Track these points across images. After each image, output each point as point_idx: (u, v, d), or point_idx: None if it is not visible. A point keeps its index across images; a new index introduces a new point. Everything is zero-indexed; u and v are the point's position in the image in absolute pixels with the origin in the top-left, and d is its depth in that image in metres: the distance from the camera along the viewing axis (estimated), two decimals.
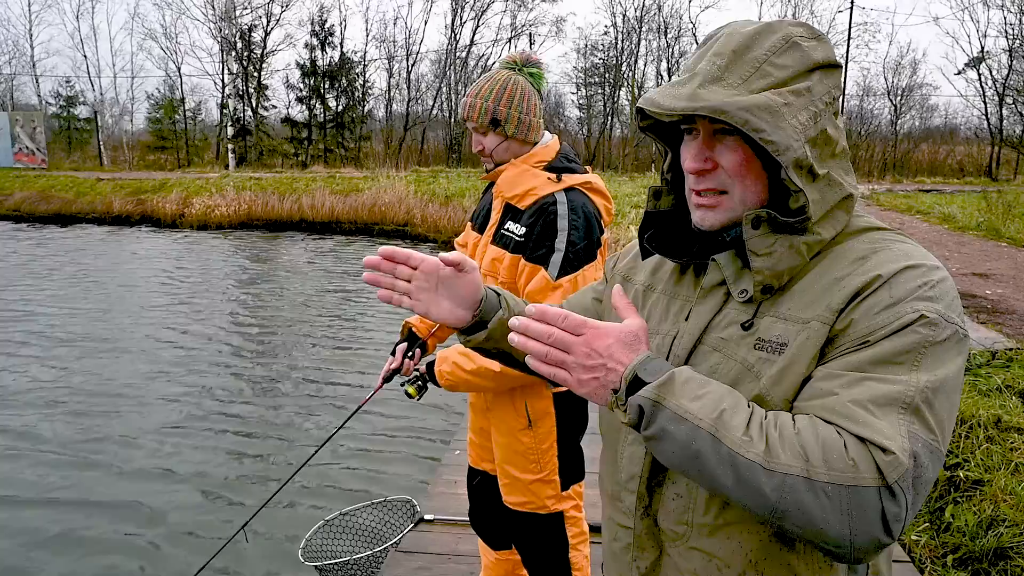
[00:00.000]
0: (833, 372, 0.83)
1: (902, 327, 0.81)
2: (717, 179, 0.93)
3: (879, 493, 0.75)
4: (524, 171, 1.93)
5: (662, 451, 0.84)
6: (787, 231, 0.90)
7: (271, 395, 6.45)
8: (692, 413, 0.81)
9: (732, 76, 0.88)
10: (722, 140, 0.92)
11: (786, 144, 0.85)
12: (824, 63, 0.91)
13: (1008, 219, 12.70)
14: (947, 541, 3.00)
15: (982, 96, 31.35)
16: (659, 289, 1.07)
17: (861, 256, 0.89)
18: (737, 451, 0.78)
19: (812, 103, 0.89)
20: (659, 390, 0.83)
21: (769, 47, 0.89)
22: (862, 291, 0.85)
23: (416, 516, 3.17)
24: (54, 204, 19.53)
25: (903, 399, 0.78)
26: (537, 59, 2.00)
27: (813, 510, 0.76)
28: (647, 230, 1.06)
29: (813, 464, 0.76)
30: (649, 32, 35.13)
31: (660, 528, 1.00)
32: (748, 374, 0.89)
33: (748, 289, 0.92)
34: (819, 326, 0.86)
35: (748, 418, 0.81)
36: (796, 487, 0.76)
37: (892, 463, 0.75)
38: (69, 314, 9.23)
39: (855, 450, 0.76)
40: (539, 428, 2.00)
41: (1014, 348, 5.13)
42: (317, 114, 34.64)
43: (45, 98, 36.39)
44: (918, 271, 0.85)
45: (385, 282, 1.04)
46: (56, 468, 4.92)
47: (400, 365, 2.16)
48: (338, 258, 14.02)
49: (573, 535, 2.10)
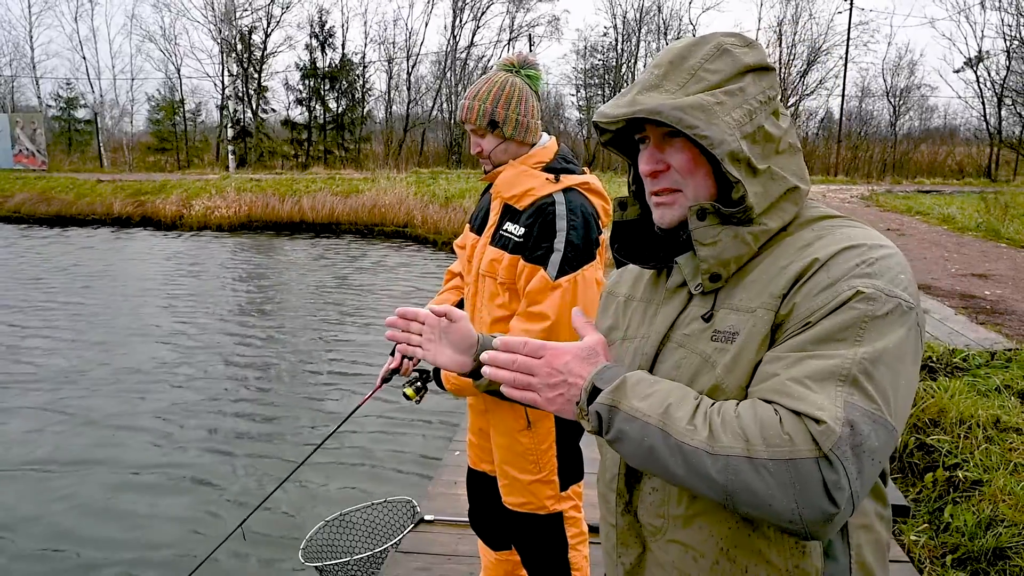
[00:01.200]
0: (777, 355, 0.86)
1: (839, 304, 0.84)
2: (671, 179, 1.00)
3: (817, 464, 0.76)
4: (522, 172, 1.94)
5: (623, 451, 0.90)
6: (732, 222, 0.95)
7: (270, 395, 6.45)
8: (641, 411, 0.86)
9: (669, 83, 0.96)
10: (671, 143, 0.99)
11: (720, 138, 0.92)
12: (755, 66, 0.98)
13: (1007, 220, 12.72)
14: (946, 541, 3.01)
15: (980, 97, 31.40)
16: (638, 297, 1.13)
17: (806, 243, 0.93)
18: (683, 440, 0.82)
19: (746, 102, 0.95)
20: (613, 395, 0.89)
21: (703, 55, 0.97)
22: (801, 275, 0.89)
23: (416, 516, 3.17)
24: (54, 206, 19.52)
25: (839, 372, 0.80)
26: (534, 61, 2.02)
27: (758, 488, 0.78)
28: (617, 240, 1.12)
29: (752, 443, 0.79)
30: (649, 33, 35.19)
31: (641, 523, 1.04)
32: (706, 365, 0.94)
33: (702, 281, 0.98)
34: (764, 312, 0.90)
35: (693, 409, 0.85)
36: (740, 467, 0.79)
37: (824, 432, 0.77)
38: (68, 315, 9.23)
39: (790, 424, 0.78)
40: (538, 429, 2.01)
41: (1013, 349, 5.13)
42: (317, 116, 34.65)
43: (45, 100, 36.45)
44: (857, 251, 0.88)
45: (402, 337, 1.23)
46: (52, 467, 4.92)
47: (399, 366, 2.17)
48: (338, 259, 14.03)
49: (572, 535, 2.10)
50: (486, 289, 1.99)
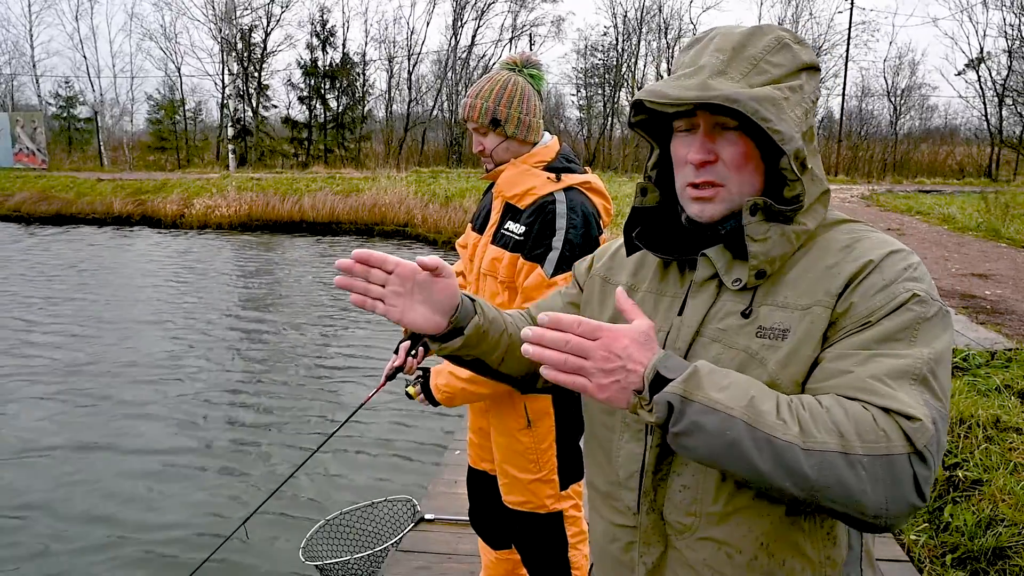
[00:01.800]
0: (843, 353, 0.87)
1: (898, 306, 0.87)
2: (716, 172, 0.97)
3: (910, 459, 0.79)
4: (524, 171, 1.94)
5: (692, 445, 0.84)
6: (778, 220, 0.95)
7: (272, 395, 6.45)
8: (723, 403, 0.82)
9: (734, 71, 0.93)
10: (722, 134, 0.95)
11: (790, 134, 0.90)
12: (810, 64, 0.98)
13: (1007, 220, 12.71)
14: (946, 541, 3.01)
15: (982, 97, 31.39)
16: (643, 288, 1.08)
17: (846, 245, 0.95)
18: (773, 435, 0.80)
19: (804, 100, 0.95)
20: (685, 384, 0.83)
21: (764, 46, 0.95)
22: (857, 275, 0.91)
23: (416, 516, 3.18)
24: (54, 205, 19.51)
25: (912, 371, 0.83)
26: (537, 60, 2.02)
27: (851, 483, 0.79)
28: (634, 227, 1.08)
29: (847, 439, 0.79)
30: (649, 33, 35.17)
31: (666, 522, 1.00)
32: (752, 361, 0.92)
33: (742, 277, 0.96)
34: (821, 310, 0.91)
35: (777, 402, 0.83)
36: (835, 463, 0.79)
37: (919, 429, 0.80)
38: (68, 315, 9.23)
39: (884, 421, 0.80)
40: (538, 428, 2.01)
41: (1013, 348, 5.14)
42: (317, 114, 34.64)
43: (45, 98, 36.45)
44: (901, 255, 0.93)
45: (358, 286, 1.00)
46: (52, 466, 4.92)
47: (403, 364, 2.17)
48: (339, 258, 13.99)
49: (572, 534, 2.10)
50: (487, 288, 1.99)
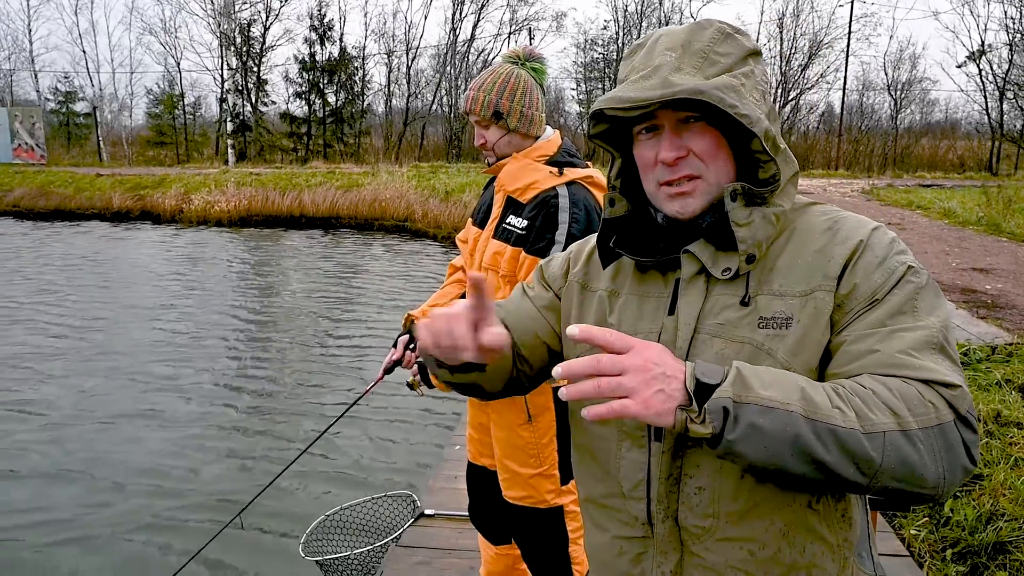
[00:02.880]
0: (863, 334, 0.88)
1: (898, 280, 0.90)
2: (691, 165, 0.97)
3: (956, 426, 0.81)
4: (526, 165, 1.94)
5: (749, 449, 0.79)
6: (757, 203, 0.96)
7: (270, 389, 6.45)
8: (778, 400, 0.79)
9: (687, 66, 0.94)
10: (688, 128, 0.96)
11: (756, 116, 0.92)
12: (754, 51, 0.99)
13: (1008, 214, 12.70)
14: (946, 535, 3.01)
15: (982, 91, 31.33)
16: (624, 291, 1.06)
17: (827, 228, 0.97)
18: (834, 423, 0.79)
19: (757, 84, 0.97)
20: (735, 388, 0.79)
21: (709, 39, 0.96)
22: (852, 256, 0.92)
23: (416, 511, 3.17)
24: (53, 200, 19.49)
25: (931, 341, 0.86)
26: (539, 54, 2.01)
27: (913, 459, 0.80)
28: (608, 237, 1.07)
29: (901, 416, 0.80)
30: (650, 27, 35.04)
31: (681, 527, 0.97)
32: (759, 353, 0.91)
33: (731, 266, 0.95)
34: (824, 295, 0.91)
35: (826, 392, 0.82)
36: (896, 442, 0.79)
37: (960, 395, 0.82)
38: (65, 310, 9.23)
39: (928, 392, 0.82)
40: (539, 423, 2.00)
41: (1014, 343, 5.13)
42: (316, 109, 34.56)
43: (44, 93, 36.37)
44: (881, 231, 0.96)
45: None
46: (51, 460, 4.93)
47: (401, 357, 2.17)
48: (339, 253, 14.02)
49: (573, 529, 2.10)
50: (488, 283, 1.98)
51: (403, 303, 9.61)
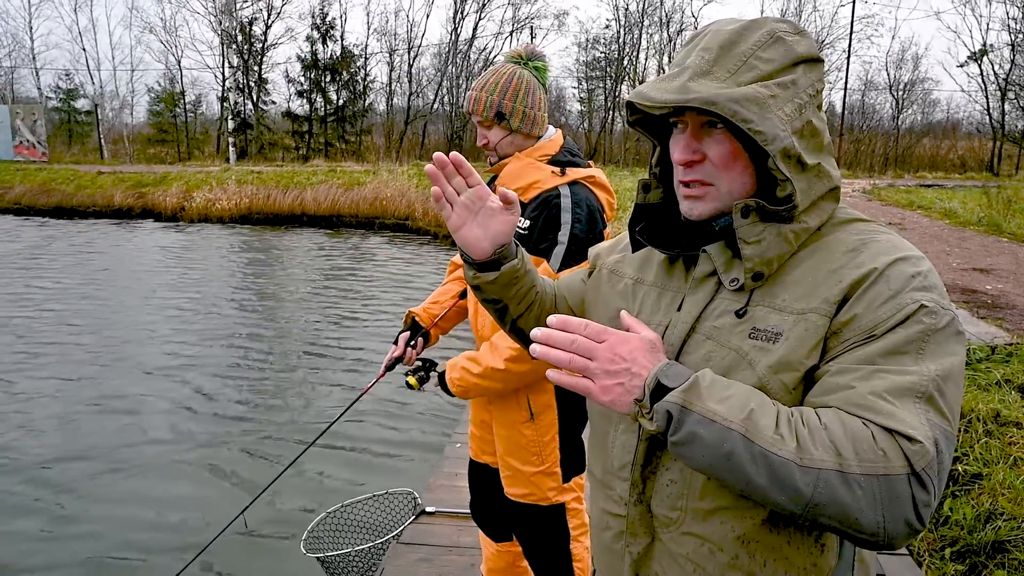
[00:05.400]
0: (846, 367, 0.85)
1: (906, 318, 0.84)
2: (704, 171, 0.96)
3: (908, 481, 0.77)
4: (528, 164, 1.94)
5: (690, 455, 0.83)
6: (775, 220, 0.93)
7: (271, 386, 6.46)
8: (721, 415, 0.81)
9: (720, 70, 0.91)
10: (710, 133, 0.94)
11: (773, 134, 0.88)
12: (807, 57, 0.94)
13: (1009, 214, 12.69)
14: (945, 534, 3.02)
15: (984, 91, 31.29)
16: (649, 282, 1.08)
17: (852, 248, 0.92)
18: (770, 450, 0.79)
19: (797, 95, 0.92)
20: (685, 394, 0.83)
21: (755, 42, 0.92)
22: (859, 283, 0.87)
23: (417, 508, 3.18)
24: (55, 197, 19.50)
25: (917, 389, 0.81)
26: (542, 53, 2.01)
27: (848, 502, 0.77)
28: (638, 223, 1.08)
29: (845, 457, 0.78)
30: (651, 26, 35.02)
31: (653, 514, 1.01)
32: (742, 362, 0.91)
33: (739, 278, 0.94)
34: (818, 318, 0.88)
35: (776, 416, 0.82)
36: (830, 481, 0.77)
37: (919, 451, 0.77)
38: (69, 308, 9.24)
39: (883, 440, 0.78)
40: (541, 421, 2.01)
41: (1014, 343, 5.14)
42: (318, 108, 34.53)
43: (45, 91, 36.35)
44: (909, 262, 0.88)
45: (443, 182, 1.08)
46: (55, 459, 4.94)
47: (402, 354, 2.18)
48: (340, 251, 14.03)
49: (574, 527, 2.11)
50: None
51: (404, 301, 9.62)
